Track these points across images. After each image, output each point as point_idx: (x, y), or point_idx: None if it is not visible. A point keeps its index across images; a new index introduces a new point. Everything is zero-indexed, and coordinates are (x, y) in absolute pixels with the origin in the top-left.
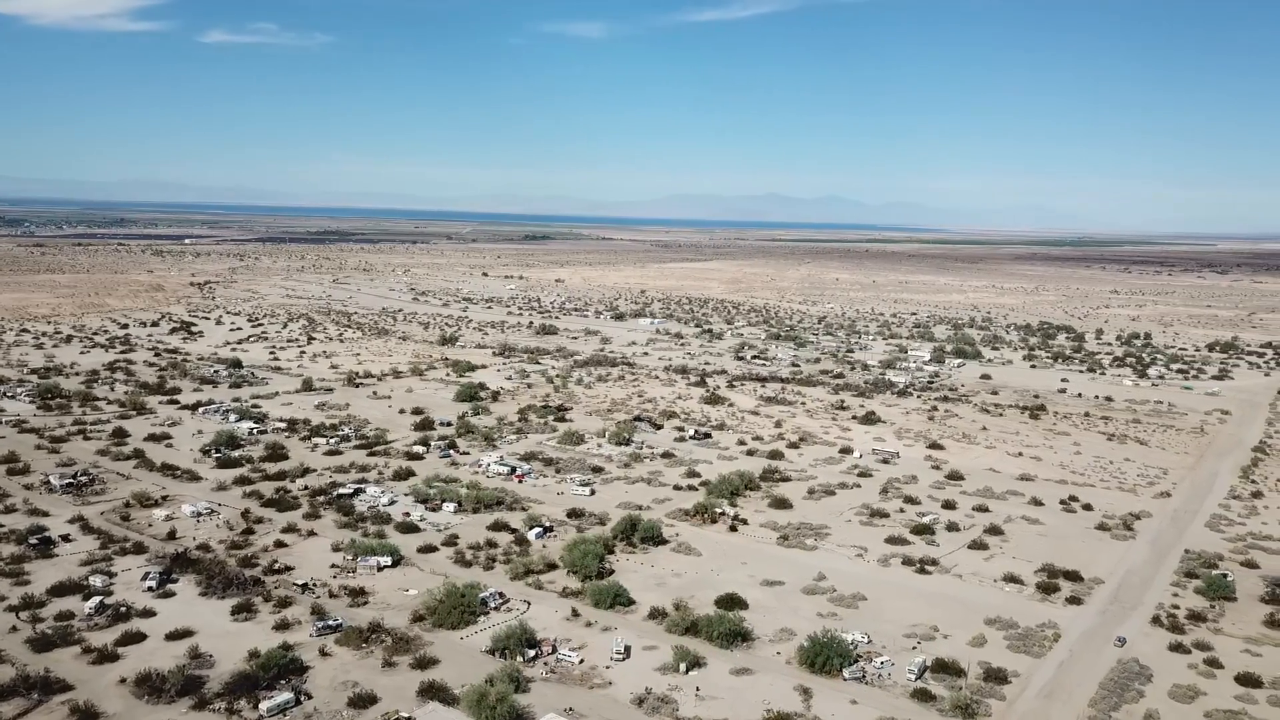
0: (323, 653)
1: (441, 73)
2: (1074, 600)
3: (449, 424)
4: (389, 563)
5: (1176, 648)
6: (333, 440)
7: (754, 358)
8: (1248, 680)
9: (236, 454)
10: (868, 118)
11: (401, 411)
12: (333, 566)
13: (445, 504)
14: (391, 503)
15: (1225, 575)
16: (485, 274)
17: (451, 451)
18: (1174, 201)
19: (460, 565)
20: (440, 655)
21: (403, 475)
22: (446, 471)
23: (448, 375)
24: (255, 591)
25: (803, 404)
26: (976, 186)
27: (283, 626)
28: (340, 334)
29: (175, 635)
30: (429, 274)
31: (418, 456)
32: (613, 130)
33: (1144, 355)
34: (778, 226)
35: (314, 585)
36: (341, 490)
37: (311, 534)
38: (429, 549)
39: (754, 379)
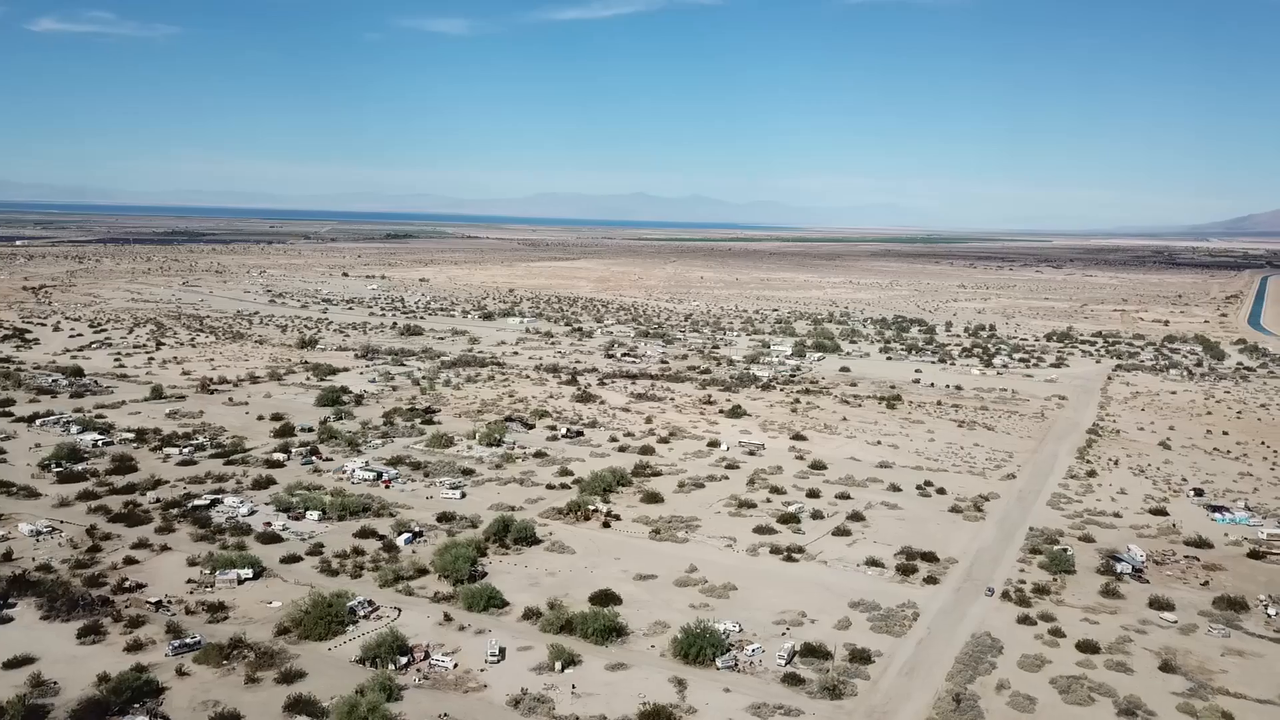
0: (180, 672)
1: (296, 68)
2: (931, 580)
3: (310, 430)
4: (250, 575)
5: (1024, 620)
6: (186, 450)
7: (624, 355)
8: (1087, 647)
9: (80, 467)
10: (730, 119)
11: (260, 418)
12: (189, 582)
13: (309, 512)
14: (251, 513)
15: (1065, 550)
16: (346, 274)
17: (314, 458)
18: (1013, 200)
19: (327, 574)
20: (307, 668)
21: (263, 484)
22: (309, 479)
23: (308, 379)
24: (104, 612)
25: (672, 400)
26: (833, 185)
27: (135, 647)
28: (192, 339)
29: (14, 663)
30: (286, 275)
31: (278, 464)
32: (477, 128)
33: (989, 346)
34: (644, 226)
35: (169, 602)
36: (197, 502)
37: (165, 549)
38: (293, 559)
39: (624, 376)
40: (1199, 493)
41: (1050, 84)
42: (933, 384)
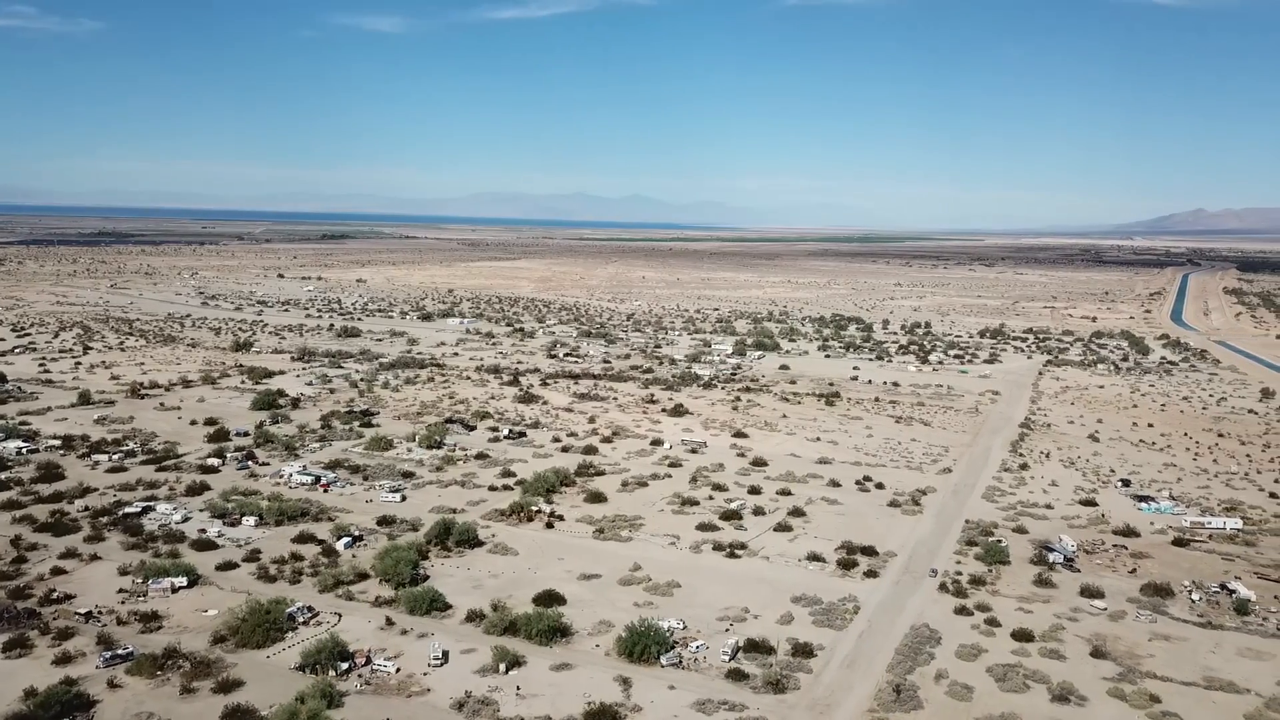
0: (112, 685)
1: (228, 65)
2: (871, 574)
3: (246, 434)
4: (184, 583)
5: (961, 610)
6: (116, 456)
7: (566, 355)
8: (1022, 635)
9: (4, 476)
10: (670, 119)
11: (193, 423)
12: (120, 592)
13: (245, 518)
14: (185, 520)
15: (1000, 541)
16: (281, 275)
17: (250, 463)
18: (947, 200)
19: (264, 581)
20: (245, 676)
21: (197, 490)
22: (245, 484)
23: (243, 382)
24: (30, 624)
25: (615, 399)
26: (772, 186)
27: (64, 660)
28: (121, 343)
29: None
30: (219, 277)
31: (213, 469)
32: (415, 128)
33: (925, 343)
34: (585, 225)
35: (99, 613)
36: (128, 509)
37: (95, 558)
38: (229, 566)
39: (567, 376)
40: (1126, 483)
41: (981, 88)
42: (870, 381)
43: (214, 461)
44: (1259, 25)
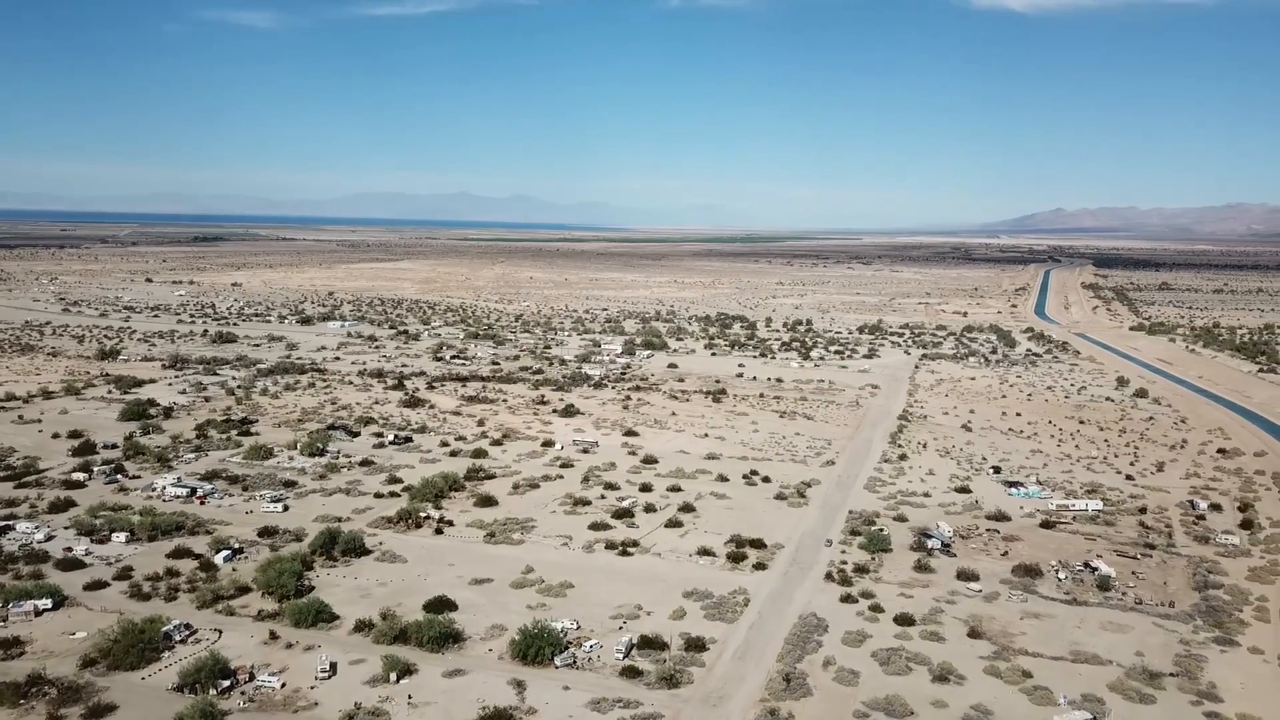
0: None
1: (84, 59)
2: (760, 566)
3: (114, 446)
4: (49, 605)
5: (846, 599)
6: None
7: (453, 358)
8: (904, 620)
9: None
10: (553, 119)
11: (56, 436)
12: None
13: (115, 534)
14: (49, 538)
15: (882, 530)
16: (150, 280)
17: (119, 476)
18: (825, 200)
19: (138, 599)
20: (118, 700)
21: (61, 506)
22: (114, 498)
23: (110, 392)
24: None
25: (504, 401)
26: (655, 187)
27: None
28: None
29: None
30: (81, 282)
31: (78, 485)
32: (290, 127)
33: (807, 340)
34: (469, 226)
35: None
36: None
37: None
38: (98, 585)
39: (454, 379)
40: (997, 470)
41: (854, 91)
42: (755, 377)
43: (79, 476)
44: (1107, 34)
